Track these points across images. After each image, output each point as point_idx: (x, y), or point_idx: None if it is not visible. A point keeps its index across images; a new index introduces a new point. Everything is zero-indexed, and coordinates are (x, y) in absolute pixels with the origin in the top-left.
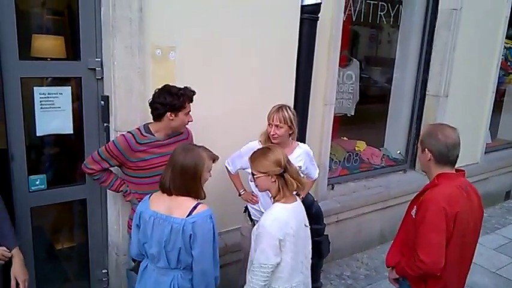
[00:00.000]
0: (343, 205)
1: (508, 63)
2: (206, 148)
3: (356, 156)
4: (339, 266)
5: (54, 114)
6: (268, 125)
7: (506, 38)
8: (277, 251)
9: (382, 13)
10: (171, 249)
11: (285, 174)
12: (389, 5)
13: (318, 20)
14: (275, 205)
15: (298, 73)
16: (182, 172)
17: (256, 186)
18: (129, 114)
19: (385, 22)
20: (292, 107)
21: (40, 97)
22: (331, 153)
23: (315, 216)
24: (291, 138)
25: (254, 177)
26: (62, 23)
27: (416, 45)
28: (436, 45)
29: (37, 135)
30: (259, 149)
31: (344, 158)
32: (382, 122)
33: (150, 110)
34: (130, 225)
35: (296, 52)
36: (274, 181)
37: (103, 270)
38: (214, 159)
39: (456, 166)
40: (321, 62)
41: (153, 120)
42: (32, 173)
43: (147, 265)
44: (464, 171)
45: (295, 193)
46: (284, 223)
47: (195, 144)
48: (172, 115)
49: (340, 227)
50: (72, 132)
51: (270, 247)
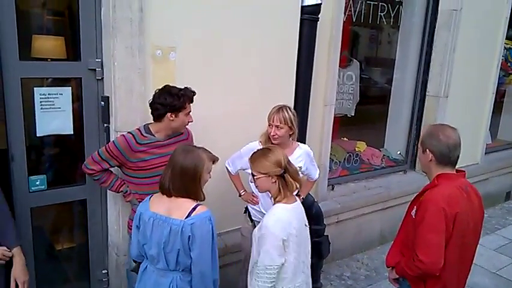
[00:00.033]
0: (343, 206)
1: (508, 64)
2: (206, 149)
3: (356, 157)
4: (339, 266)
5: (54, 115)
6: (269, 125)
7: (506, 38)
8: (282, 252)
9: (382, 14)
10: (170, 250)
11: (285, 175)
12: (389, 5)
13: (318, 20)
14: (276, 206)
15: (298, 74)
16: (182, 173)
17: (257, 187)
18: (129, 114)
19: (385, 23)
20: (292, 107)
21: (40, 97)
22: (331, 154)
23: (315, 216)
24: (291, 138)
25: (254, 178)
26: (62, 24)
27: (416, 46)
28: (436, 46)
29: (37, 135)
30: (259, 149)
31: (344, 158)
32: (382, 122)
33: (150, 110)
34: (131, 226)
35: (296, 53)
36: (275, 182)
37: (103, 271)
38: (214, 160)
39: (456, 167)
40: (321, 62)
41: (153, 121)
42: (32, 173)
43: (146, 266)
44: (464, 171)
45: (295, 193)
46: (287, 223)
47: (195, 146)
48: (173, 115)
49: (340, 227)
50: (72, 132)
51: (274, 248)
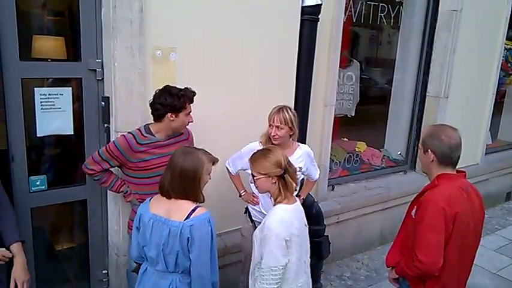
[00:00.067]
0: (344, 206)
1: (509, 65)
2: (206, 151)
3: (356, 157)
4: (339, 266)
5: (54, 115)
6: (269, 126)
7: (506, 39)
8: (285, 252)
9: (382, 14)
10: (169, 252)
11: (285, 176)
12: (389, 6)
13: (318, 21)
14: (278, 206)
15: (298, 74)
16: (181, 175)
17: (257, 187)
18: (130, 115)
19: (385, 23)
20: (292, 107)
21: (41, 98)
22: (331, 154)
23: (315, 217)
24: (291, 139)
25: (254, 178)
26: (62, 24)
27: (416, 46)
28: (436, 47)
29: (37, 135)
30: (259, 150)
31: (344, 158)
32: (383, 123)
33: (150, 110)
34: (131, 226)
35: (296, 53)
36: (275, 182)
37: (103, 271)
38: (214, 161)
39: (457, 167)
40: (321, 63)
41: (153, 121)
42: (32, 173)
43: (146, 268)
44: (465, 172)
45: (295, 194)
46: (289, 223)
47: (195, 147)
48: (173, 116)
49: (341, 227)
50: (72, 133)
51: (277, 248)
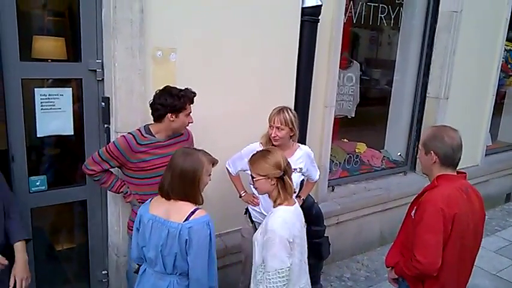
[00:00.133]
0: (343, 207)
1: (509, 66)
2: (206, 152)
3: (356, 158)
4: (339, 267)
5: (54, 115)
6: (269, 126)
7: (506, 40)
8: (289, 252)
9: (382, 15)
10: (168, 253)
11: (284, 177)
12: (389, 7)
13: (318, 22)
14: (279, 208)
15: (298, 75)
16: (181, 176)
17: (256, 189)
18: (130, 115)
19: (385, 24)
20: (292, 108)
21: (41, 98)
22: (331, 155)
23: (315, 217)
24: (292, 140)
25: (253, 180)
26: (62, 25)
27: (416, 47)
28: (436, 48)
29: (37, 136)
30: (258, 151)
31: (344, 159)
32: (383, 124)
33: (150, 111)
34: (131, 227)
35: (296, 54)
36: (274, 184)
37: (103, 272)
38: (214, 163)
39: (457, 168)
40: (322, 63)
41: (153, 122)
42: (32, 174)
43: (145, 269)
44: (465, 173)
45: (295, 195)
46: (291, 225)
47: (195, 148)
48: (173, 116)
49: (340, 228)
50: (72, 133)
51: (282, 250)
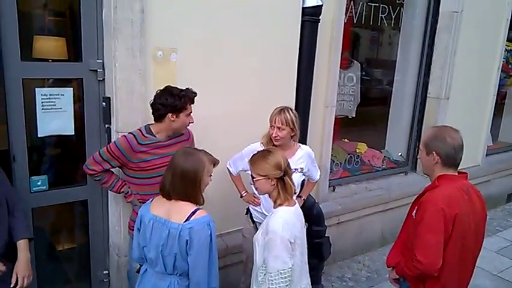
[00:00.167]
0: (344, 207)
1: (509, 66)
2: (206, 152)
3: (357, 158)
4: (340, 268)
5: (55, 115)
6: (270, 127)
7: (507, 40)
8: (291, 253)
9: (383, 15)
10: (168, 254)
11: (284, 178)
12: (390, 7)
13: (319, 22)
14: (280, 209)
15: (299, 75)
16: (182, 176)
17: (256, 189)
18: (130, 115)
19: (386, 24)
20: (293, 108)
21: (42, 98)
22: (332, 155)
23: (316, 218)
24: (292, 140)
25: (254, 180)
26: (63, 25)
27: (417, 48)
28: (436, 48)
29: (38, 136)
30: (259, 151)
31: (345, 159)
32: (383, 124)
33: (151, 111)
34: (131, 227)
35: (297, 54)
36: (274, 184)
37: (104, 271)
38: (215, 163)
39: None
40: (322, 63)
41: (154, 121)
42: (33, 173)
43: (146, 269)
44: (466, 173)
45: (296, 195)
46: (292, 225)
47: (196, 148)
48: (174, 116)
49: (341, 229)
50: (73, 133)
51: (283, 251)
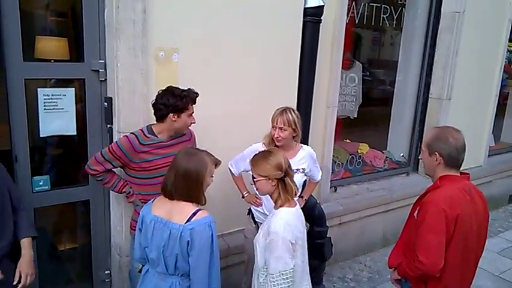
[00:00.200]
0: (346, 207)
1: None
2: (209, 152)
3: (359, 159)
4: (341, 268)
5: (57, 116)
6: (272, 127)
7: (509, 41)
8: (292, 254)
9: (384, 16)
10: (169, 254)
11: (285, 179)
12: (392, 7)
13: (320, 22)
14: (281, 210)
15: (300, 75)
16: (185, 176)
17: (257, 189)
18: (132, 115)
19: (387, 25)
20: (295, 109)
21: (44, 98)
22: (334, 156)
23: (317, 218)
24: (294, 140)
25: (254, 180)
26: (65, 25)
27: (419, 48)
28: (438, 49)
29: (41, 136)
30: (260, 152)
31: (347, 160)
32: (385, 124)
33: (153, 111)
34: (133, 227)
35: (299, 54)
36: (275, 185)
37: (106, 272)
38: (217, 163)
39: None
40: (324, 64)
41: (156, 122)
42: (35, 173)
43: (148, 269)
44: (468, 174)
45: (298, 195)
46: (294, 226)
47: (198, 149)
48: (175, 116)
49: (343, 229)
50: (75, 133)
51: (285, 252)
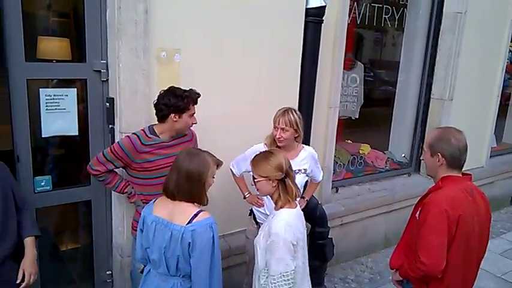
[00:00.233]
0: (348, 208)
1: None
2: (210, 153)
3: (360, 159)
4: (343, 269)
5: (59, 116)
6: (274, 128)
7: (511, 41)
8: (293, 255)
9: (386, 16)
10: (171, 255)
11: (285, 180)
12: (393, 8)
13: (322, 22)
14: (282, 211)
15: (302, 75)
16: (187, 177)
17: (257, 190)
18: (134, 115)
19: (389, 25)
20: (296, 109)
21: (46, 99)
22: (335, 156)
23: (319, 219)
24: (296, 141)
25: (255, 181)
26: (67, 25)
27: (420, 49)
28: (440, 49)
29: (42, 136)
30: (261, 152)
31: (348, 161)
32: (387, 125)
33: (154, 111)
34: (135, 227)
35: (300, 54)
36: (275, 186)
37: (107, 272)
38: (219, 164)
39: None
40: (326, 64)
41: (157, 122)
42: (37, 174)
43: (150, 270)
44: (470, 175)
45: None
46: (294, 227)
47: (200, 149)
48: (176, 116)
49: (345, 230)
50: (77, 133)
51: (286, 253)
